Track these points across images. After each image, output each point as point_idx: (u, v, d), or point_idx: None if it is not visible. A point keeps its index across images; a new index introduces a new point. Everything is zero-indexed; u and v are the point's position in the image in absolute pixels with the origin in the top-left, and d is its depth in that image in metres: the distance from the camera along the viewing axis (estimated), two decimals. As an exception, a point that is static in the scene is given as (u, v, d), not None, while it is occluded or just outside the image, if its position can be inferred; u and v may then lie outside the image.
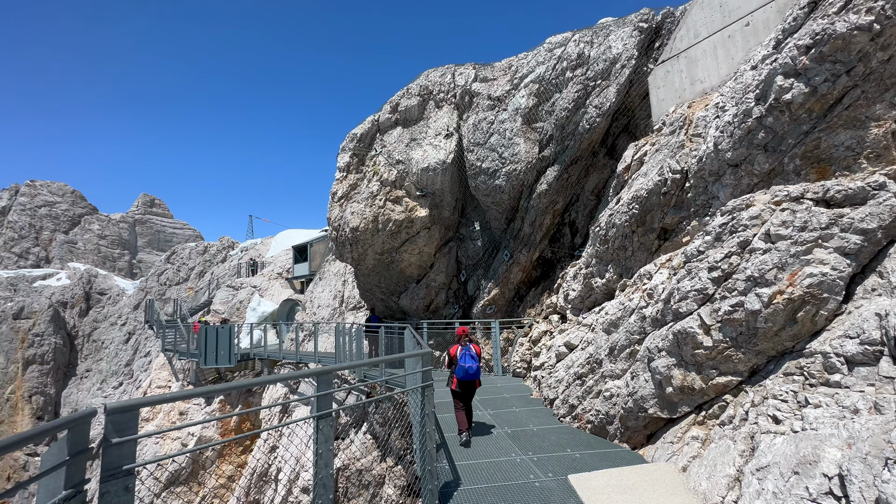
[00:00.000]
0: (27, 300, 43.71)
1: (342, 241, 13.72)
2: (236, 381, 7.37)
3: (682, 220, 7.08)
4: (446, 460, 5.30)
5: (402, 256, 13.56)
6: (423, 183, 12.84)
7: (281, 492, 16.22)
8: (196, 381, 21.49)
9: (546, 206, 11.96)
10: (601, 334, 7.29)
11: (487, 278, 13.29)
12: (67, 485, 1.76)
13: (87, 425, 1.88)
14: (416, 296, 14.35)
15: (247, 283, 28.05)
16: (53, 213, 62.36)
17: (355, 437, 14.58)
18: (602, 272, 8.81)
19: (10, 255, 55.65)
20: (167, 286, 46.16)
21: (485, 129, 12.43)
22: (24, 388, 39.23)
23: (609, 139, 12.07)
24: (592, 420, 6.55)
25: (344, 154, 14.17)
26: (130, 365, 38.67)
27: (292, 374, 3.11)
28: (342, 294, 21.05)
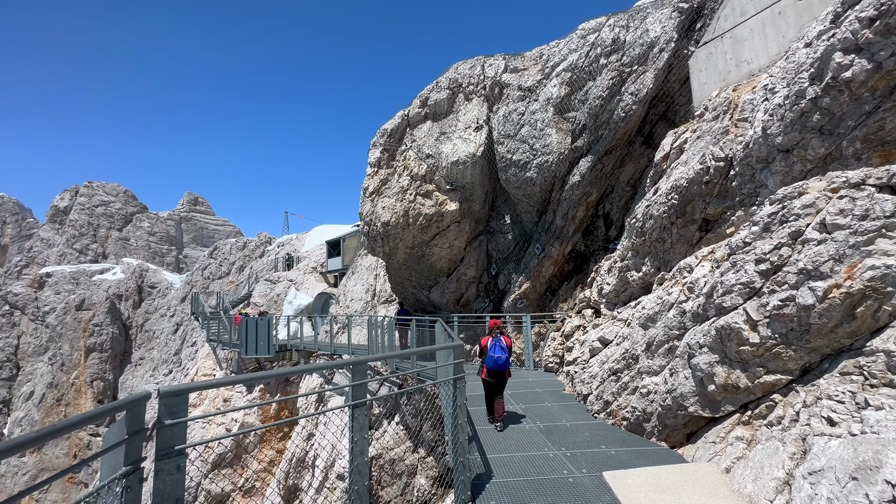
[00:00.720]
0: (87, 293, 47.28)
1: (374, 236, 13.95)
2: (278, 369, 7.70)
3: (726, 211, 6.72)
4: (478, 452, 5.32)
5: (433, 250, 13.63)
6: (453, 176, 12.82)
7: (318, 477, 16.82)
8: (238, 370, 22.59)
9: (579, 197, 11.66)
10: (637, 329, 7.06)
11: (518, 272, 13.15)
12: (126, 462, 1.89)
13: (142, 407, 2.01)
14: (447, 290, 14.41)
15: (283, 277, 29.10)
16: (108, 211, 66.95)
17: (388, 428, 14.89)
18: (638, 265, 8.52)
19: (72, 251, 60.31)
20: (210, 280, 48.64)
21: (515, 121, 12.24)
22: (87, 373, 42.57)
23: (646, 127, 11.60)
24: (628, 417, 6.37)
25: (375, 149, 14.36)
26: (179, 354, 41.13)
27: (329, 364, 3.20)
28: (374, 288, 21.45)
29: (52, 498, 36.71)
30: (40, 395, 41.61)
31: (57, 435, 1.54)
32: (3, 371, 45.04)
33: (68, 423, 1.57)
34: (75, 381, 42.53)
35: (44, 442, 1.36)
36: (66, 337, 43.95)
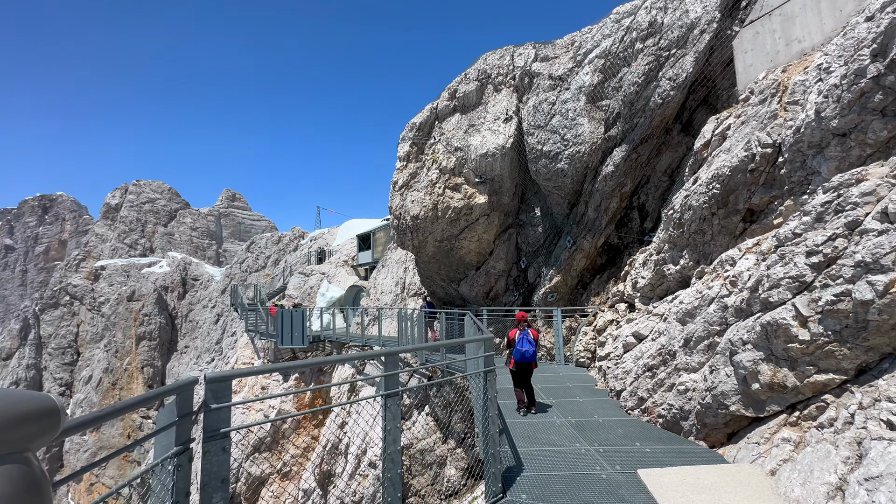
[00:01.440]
0: (137, 285, 50.39)
1: (403, 229, 14.09)
2: (315, 358, 7.94)
3: (773, 200, 6.33)
4: (508, 445, 5.32)
5: (462, 243, 13.62)
6: (482, 169, 12.72)
7: (351, 464, 17.32)
8: (274, 359, 23.53)
9: (612, 188, 11.31)
10: (674, 324, 6.81)
11: (549, 265, 12.95)
12: (177, 442, 2.01)
13: (190, 392, 2.13)
14: (476, 283, 14.39)
15: (316, 270, 29.94)
16: (155, 208, 70.93)
17: (418, 419, 15.11)
18: (676, 258, 8.19)
19: (123, 245, 64.40)
20: (248, 273, 50.73)
21: (546, 111, 11.98)
22: (138, 360, 45.54)
23: (684, 114, 11.07)
24: (664, 414, 6.18)
25: (404, 143, 14.44)
26: (220, 343, 43.26)
27: (363, 355, 3.28)
28: (403, 281, 21.71)
29: (109, 474, 39.73)
30: (98, 380, 44.91)
31: (117, 415, 1.66)
32: (65, 356, 48.92)
33: (126, 404, 1.68)
34: (128, 367, 45.60)
35: (105, 421, 1.46)
36: (119, 326, 47.10)
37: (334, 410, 21.03)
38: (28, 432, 0.82)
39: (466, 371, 6.61)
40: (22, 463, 0.79)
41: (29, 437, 0.82)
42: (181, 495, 2.00)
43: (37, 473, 0.82)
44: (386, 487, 3.02)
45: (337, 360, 3.09)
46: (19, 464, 0.78)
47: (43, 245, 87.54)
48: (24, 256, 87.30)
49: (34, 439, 0.84)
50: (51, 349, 49.03)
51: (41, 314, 50.74)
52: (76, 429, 1.17)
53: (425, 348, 6.40)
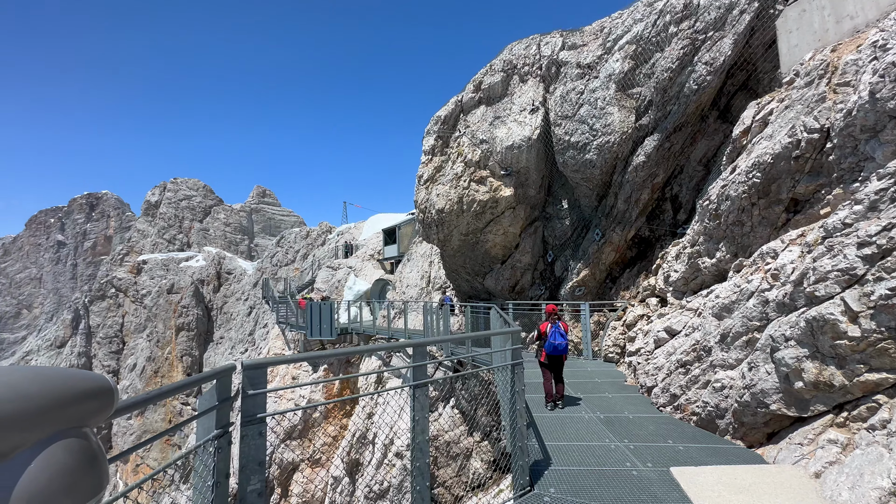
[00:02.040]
0: (176, 278, 52.84)
1: (428, 223, 14.14)
2: (347, 348, 8.08)
3: (820, 189, 5.97)
4: (535, 439, 5.28)
5: (487, 237, 13.55)
6: (508, 161, 12.57)
7: (378, 454, 17.67)
8: (304, 350, 24.23)
9: (644, 179, 10.95)
10: (710, 320, 6.55)
11: (576, 259, 12.71)
12: (217, 425, 2.10)
13: (229, 378, 2.21)
14: (501, 276, 14.30)
15: (343, 264, 30.52)
16: (191, 205, 74.06)
17: (444, 411, 15.24)
18: (712, 251, 7.87)
19: (162, 240, 67.66)
20: (278, 267, 52.28)
21: (573, 101, 11.69)
22: (177, 349, 47.89)
23: (721, 100, 10.56)
24: (698, 412, 5.98)
25: (429, 137, 14.45)
26: (252, 334, 44.89)
27: (392, 345, 3.32)
28: (429, 274, 21.83)
29: (153, 456, 42.18)
30: (141, 367, 47.56)
31: (163, 397, 1.75)
32: (112, 345, 52.02)
33: (171, 388, 1.77)
34: (168, 356, 48.04)
35: (154, 402, 1.54)
36: (160, 317, 49.60)
37: (361, 402, 21.50)
38: (87, 409, 0.86)
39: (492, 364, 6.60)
40: (82, 437, 0.84)
41: (88, 413, 0.87)
42: (222, 476, 2.09)
43: (94, 447, 0.87)
44: (414, 476, 3.06)
45: (366, 349, 3.14)
46: (80, 437, 0.83)
47: (90, 240, 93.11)
48: (74, 251, 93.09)
49: (92, 416, 0.88)
50: (99, 338, 52.24)
51: (90, 305, 54.07)
52: (127, 409, 1.24)
53: (452, 340, 6.42)
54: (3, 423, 0.72)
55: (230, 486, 2.18)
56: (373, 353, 20.90)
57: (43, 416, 0.78)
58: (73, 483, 0.79)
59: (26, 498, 0.71)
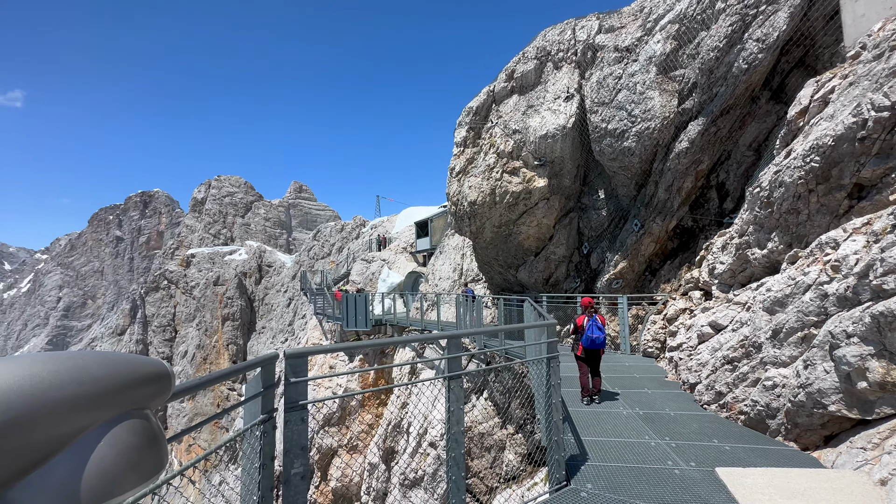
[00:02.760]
0: (221, 271, 55.72)
1: (460, 216, 14.11)
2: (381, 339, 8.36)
3: (889, 172, 5.45)
4: (571, 433, 5.20)
5: (520, 229, 13.36)
6: (542, 151, 12.30)
7: (412, 443, 18.03)
8: (340, 340, 24.99)
9: (687, 166, 10.41)
10: (761, 314, 6.17)
11: (613, 250, 12.31)
12: (263, 410, 2.20)
13: (273, 365, 2.30)
14: (535, 269, 14.09)
15: (377, 257, 31.09)
16: (233, 201, 77.62)
17: (476, 403, 15.31)
18: (762, 241, 7.39)
19: (208, 235, 71.43)
20: (315, 259, 53.98)
21: (611, 86, 11.24)
22: (224, 338, 50.64)
23: (774, 79, 9.83)
24: (746, 411, 5.67)
25: (460, 129, 14.35)
26: (292, 325, 46.74)
27: (426, 337, 3.35)
28: (461, 267, 21.85)
29: (203, 437, 45.07)
30: (192, 355, 50.69)
31: (213, 383, 1.84)
32: (165, 333, 55.68)
33: (221, 374, 1.86)
34: (216, 344, 50.92)
35: (206, 387, 1.62)
36: (208, 307, 52.56)
37: (396, 391, 21.97)
38: (148, 392, 0.92)
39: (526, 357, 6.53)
40: (144, 418, 0.89)
41: (149, 396, 0.92)
42: (267, 458, 2.19)
43: (155, 428, 0.92)
44: (450, 466, 3.09)
45: (401, 341, 3.19)
46: (142, 419, 0.88)
47: (144, 236, 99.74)
48: (131, 246, 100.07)
49: (152, 399, 0.94)
50: (154, 327, 56.04)
51: (146, 296, 58.01)
52: (182, 393, 1.31)
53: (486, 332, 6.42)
54: (76, 403, 0.77)
55: (275, 468, 2.28)
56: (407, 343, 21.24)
57: (111, 397, 0.83)
58: (138, 461, 0.84)
59: (97, 472, 0.76)
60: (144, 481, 0.88)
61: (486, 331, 3.53)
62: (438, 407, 18.54)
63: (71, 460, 0.75)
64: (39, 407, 0.68)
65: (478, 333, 3.78)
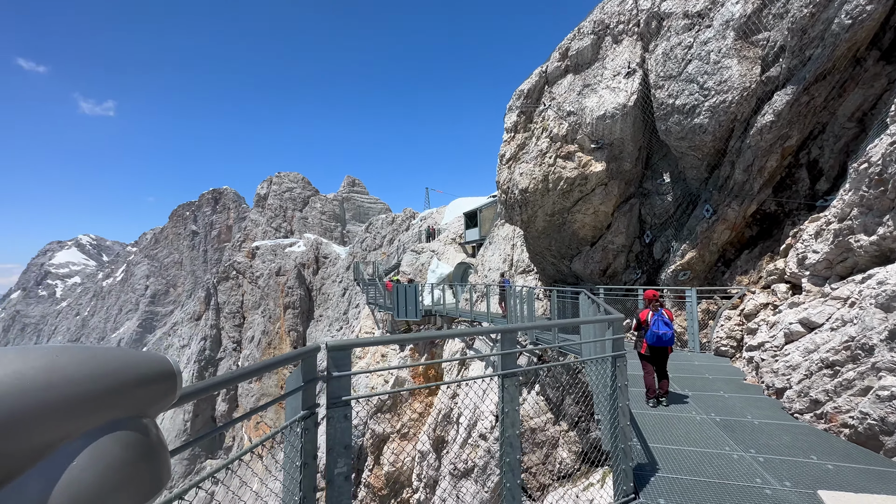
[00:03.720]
0: (282, 262, 59.12)
1: (511, 204, 13.62)
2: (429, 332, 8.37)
3: None
4: (637, 439, 4.72)
5: (575, 217, 12.63)
6: (599, 133, 11.47)
7: (462, 434, 18.02)
8: (392, 329, 25.50)
9: (771, 143, 9.19)
10: (871, 311, 5.24)
11: (680, 239, 11.27)
12: (304, 406, 2.05)
13: (313, 358, 2.15)
14: (591, 259, 13.31)
15: (426, 248, 31.28)
16: (292, 196, 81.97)
17: (528, 397, 14.91)
18: (870, 226, 6.29)
19: (270, 228, 76.09)
20: (367, 251, 55.63)
21: (679, 57, 10.17)
22: (285, 325, 53.85)
23: (884, 36, 8.33)
24: (853, 424, 4.85)
25: (511, 113, 13.78)
26: (346, 314, 48.63)
27: (478, 330, 3.09)
28: (511, 257, 21.33)
29: (270, 416, 48.62)
30: (258, 340, 54.49)
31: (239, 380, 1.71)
32: (235, 319, 60.26)
33: (249, 370, 1.73)
34: (278, 330, 54.30)
35: (219, 389, 1.47)
36: (271, 296, 56.09)
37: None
38: (147, 395, 0.75)
39: (584, 357, 6.09)
40: (139, 428, 0.71)
41: (147, 400, 0.75)
42: (309, 457, 2.05)
43: (153, 441, 0.74)
44: (504, 472, 2.83)
45: (450, 334, 2.97)
46: (137, 429, 0.71)
47: (216, 230, 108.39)
48: (205, 239, 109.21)
49: (152, 403, 0.76)
50: (225, 313, 60.82)
51: (218, 285, 63.02)
52: (192, 395, 1.15)
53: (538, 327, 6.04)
54: (39, 412, 0.60)
55: (318, 467, 2.15)
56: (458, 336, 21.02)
57: (92, 402, 0.66)
58: (128, 479, 0.67)
59: (71, 494, 0.59)
60: (138, 503, 0.70)
61: (541, 325, 3.20)
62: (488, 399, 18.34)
63: (40, 479, 0.59)
64: None
65: (532, 328, 3.46)
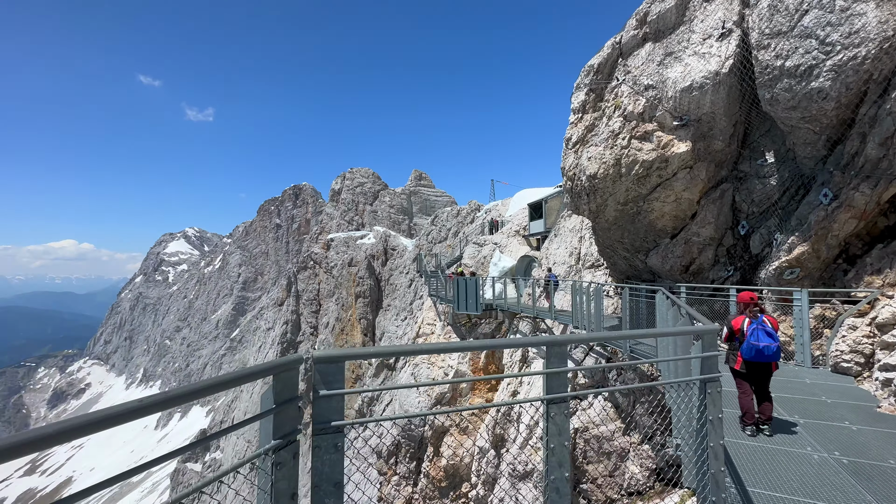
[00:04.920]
0: (353, 253, 62.00)
1: (577, 192, 12.46)
2: (448, 344, 7.88)
3: None
4: (731, 478, 3.75)
5: (652, 206, 11.18)
6: (684, 108, 9.93)
7: (522, 433, 17.28)
8: (453, 322, 25.30)
9: (922, 107, 7.18)
10: None
11: (786, 230, 9.42)
12: (276, 434, 1.63)
13: (294, 373, 1.72)
14: (671, 254, 11.75)
15: (489, 241, 30.56)
16: (363, 190, 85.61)
17: (594, 401, 13.78)
18: None
19: (343, 221, 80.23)
20: (433, 243, 56.23)
21: (791, 8, 8.35)
22: (357, 313, 56.52)
23: None
24: None
25: (578, 92, 12.54)
26: (412, 304, 49.66)
27: (522, 341, 2.49)
28: (578, 251, 19.91)
29: (340, 399, 51.46)
30: (332, 325, 57.89)
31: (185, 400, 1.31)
32: (312, 306, 64.61)
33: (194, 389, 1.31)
34: (350, 318, 57.18)
35: (109, 426, 1.06)
36: (344, 285, 59.18)
37: (506, 378, 21.36)
38: None
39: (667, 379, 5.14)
40: None
41: None
42: (284, 498, 1.63)
43: None
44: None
45: (477, 346, 2.42)
46: None
47: (296, 223, 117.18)
48: (287, 231, 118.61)
49: None
50: (304, 300, 65.46)
51: (297, 274, 67.96)
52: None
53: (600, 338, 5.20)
54: None
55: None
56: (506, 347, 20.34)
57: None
58: None
59: None
60: None
61: (602, 336, 2.50)
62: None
63: None
64: None
65: (587, 340, 2.74)
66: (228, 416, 74.16)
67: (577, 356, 15.68)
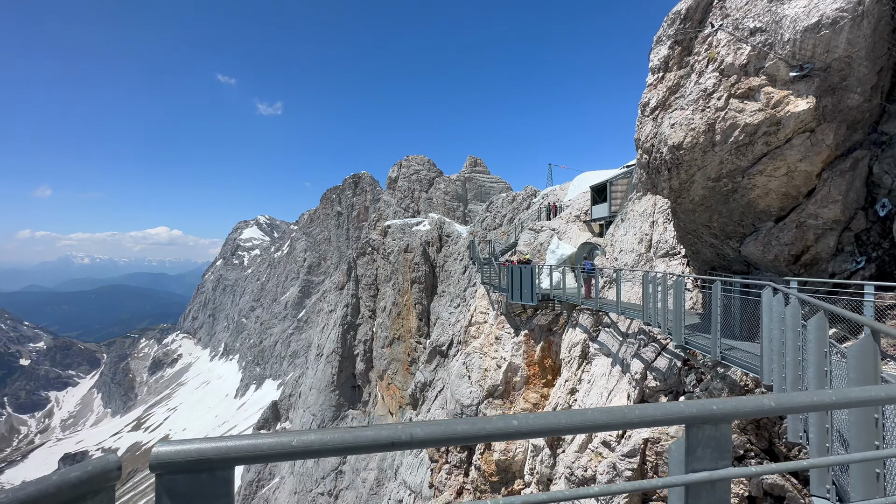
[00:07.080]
0: (409, 240, 62.41)
1: (655, 167, 10.57)
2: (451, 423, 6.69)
3: None
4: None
5: (754, 181, 9.07)
6: (807, 53, 7.75)
7: (581, 435, 15.83)
8: (507, 312, 24.04)
9: None
10: None
11: (955, 209, 7.04)
12: None
13: (110, 492, 0.73)
14: (775, 240, 9.56)
15: (546, 227, 28.66)
16: (419, 177, 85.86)
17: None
18: None
19: (399, 209, 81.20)
20: (487, 230, 54.88)
21: None
22: (412, 298, 57.09)
23: None
24: None
25: (659, 47, 10.51)
26: (465, 291, 48.95)
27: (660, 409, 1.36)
28: (649, 237, 17.64)
29: (399, 379, 52.85)
30: (389, 310, 59.11)
31: None
32: (370, 290, 66.40)
33: None
34: (406, 303, 57.92)
35: None
36: (400, 271, 59.95)
37: (564, 373, 19.83)
38: None
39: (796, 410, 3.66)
40: None
41: None
42: None
43: None
44: None
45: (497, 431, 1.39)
46: None
47: (356, 210, 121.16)
48: (347, 218, 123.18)
49: None
50: (363, 285, 67.47)
51: (357, 259, 70.07)
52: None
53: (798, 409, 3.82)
54: None
55: None
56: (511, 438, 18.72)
57: None
58: None
59: None
60: None
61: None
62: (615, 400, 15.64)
63: None
64: None
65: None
66: (296, 390, 79.53)
67: (646, 355, 13.87)
